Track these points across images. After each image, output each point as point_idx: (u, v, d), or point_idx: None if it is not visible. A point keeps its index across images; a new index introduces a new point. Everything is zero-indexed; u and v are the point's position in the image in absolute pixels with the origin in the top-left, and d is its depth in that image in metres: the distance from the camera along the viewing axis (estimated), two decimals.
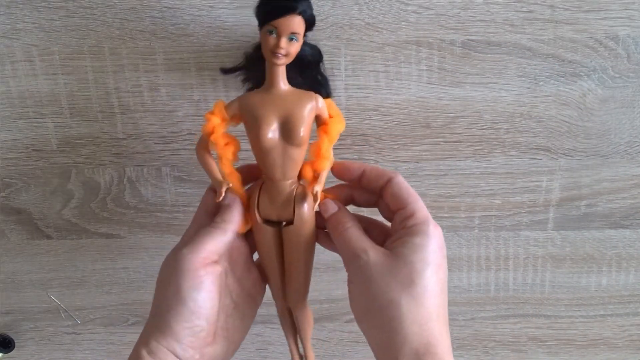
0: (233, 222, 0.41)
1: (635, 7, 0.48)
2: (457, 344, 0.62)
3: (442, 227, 0.56)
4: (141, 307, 0.61)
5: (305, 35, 0.40)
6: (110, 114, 0.52)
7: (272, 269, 0.45)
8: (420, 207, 0.40)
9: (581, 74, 0.51)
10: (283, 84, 0.40)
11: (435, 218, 0.56)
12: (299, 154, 0.40)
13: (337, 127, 0.42)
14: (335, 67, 0.50)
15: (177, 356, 0.38)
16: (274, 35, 0.37)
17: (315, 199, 0.40)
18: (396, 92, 0.51)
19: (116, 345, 0.63)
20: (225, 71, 0.45)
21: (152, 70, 0.51)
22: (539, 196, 0.55)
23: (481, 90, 0.51)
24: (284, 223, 0.43)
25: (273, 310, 0.62)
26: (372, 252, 0.38)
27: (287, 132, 0.39)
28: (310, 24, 0.39)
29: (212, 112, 0.41)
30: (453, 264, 0.58)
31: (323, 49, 0.49)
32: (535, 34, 0.49)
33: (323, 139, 0.41)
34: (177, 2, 0.48)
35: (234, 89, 0.51)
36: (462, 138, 0.53)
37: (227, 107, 0.41)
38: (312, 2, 0.39)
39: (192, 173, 0.55)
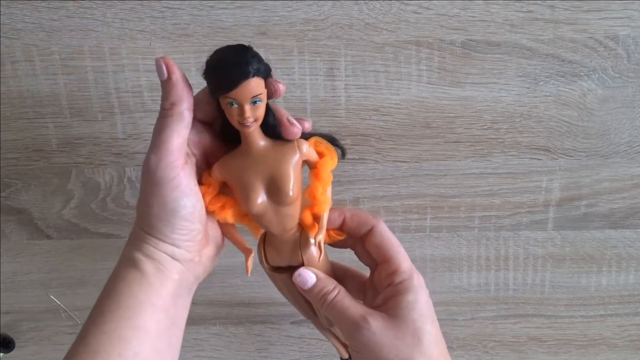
0: (184, 101, 0.36)
1: (635, 7, 0.48)
2: (457, 344, 0.62)
3: (442, 227, 0.57)
4: None
5: (267, 85, 0.36)
6: (110, 114, 0.53)
7: (299, 305, 0.44)
8: (404, 258, 0.41)
9: (581, 74, 0.51)
10: (261, 141, 0.37)
11: (435, 218, 0.57)
12: (294, 209, 0.38)
13: (328, 167, 0.39)
14: (335, 67, 0.50)
15: (175, 259, 0.37)
16: (235, 106, 0.34)
17: (319, 250, 0.40)
18: (396, 92, 0.51)
19: None
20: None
21: (152, 70, 0.51)
22: (539, 196, 0.55)
23: (481, 90, 0.51)
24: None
25: (273, 310, 0.63)
26: (373, 320, 0.38)
27: (276, 194, 0.37)
28: (267, 76, 0.35)
29: (201, 184, 0.38)
30: (453, 264, 0.58)
31: (323, 49, 0.49)
32: (535, 34, 0.49)
33: (316, 185, 0.38)
34: (177, 2, 0.48)
35: None
36: (462, 138, 0.53)
37: (210, 174, 0.38)
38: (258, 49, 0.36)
39: None
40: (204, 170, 0.39)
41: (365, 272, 0.44)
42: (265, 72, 0.34)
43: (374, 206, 0.56)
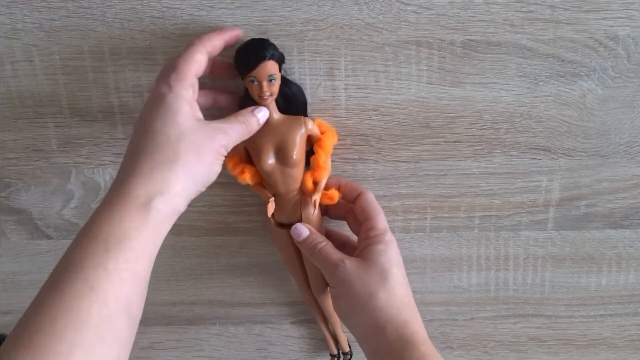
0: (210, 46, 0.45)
1: (635, 7, 0.48)
2: (457, 344, 0.62)
3: (442, 227, 0.57)
4: None
5: (281, 69, 0.46)
6: (110, 114, 0.53)
7: (293, 266, 0.53)
8: (381, 220, 0.49)
9: (581, 74, 0.51)
10: (275, 114, 0.47)
11: (435, 218, 0.57)
12: (296, 172, 0.48)
13: (330, 140, 0.49)
14: (335, 67, 0.50)
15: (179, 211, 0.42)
16: (256, 83, 0.45)
17: (314, 207, 0.50)
18: (396, 92, 0.51)
19: None
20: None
21: (152, 70, 0.51)
22: (539, 196, 0.55)
23: (481, 90, 0.51)
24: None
25: (273, 310, 0.63)
26: (348, 261, 0.46)
27: (283, 157, 0.47)
28: (281, 61, 0.46)
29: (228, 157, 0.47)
30: (453, 264, 0.58)
31: (323, 49, 0.49)
32: (535, 34, 0.49)
33: (320, 153, 0.48)
34: (177, 2, 0.48)
35: (233, 87, 0.51)
36: (462, 138, 0.53)
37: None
38: (277, 45, 0.46)
39: None
40: None
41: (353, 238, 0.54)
42: (279, 57, 0.46)
43: None
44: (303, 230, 0.49)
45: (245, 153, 0.49)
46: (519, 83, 0.51)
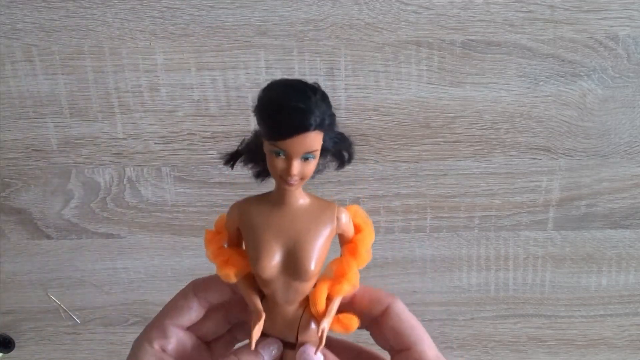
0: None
1: (635, 7, 0.48)
2: (457, 344, 0.62)
3: (442, 227, 0.57)
4: (141, 307, 0.61)
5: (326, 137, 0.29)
6: (110, 114, 0.52)
7: None
8: (429, 347, 0.33)
9: (581, 74, 0.51)
10: (296, 200, 0.31)
11: (435, 218, 0.56)
12: (306, 286, 0.32)
13: (367, 243, 0.32)
14: (335, 67, 0.50)
15: None
16: (282, 157, 0.28)
17: (320, 341, 0.31)
18: (396, 92, 0.51)
19: (116, 345, 0.63)
20: (226, 161, 0.33)
21: (152, 70, 0.51)
22: (539, 196, 0.55)
23: (481, 90, 0.51)
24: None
25: None
26: None
27: (292, 266, 0.30)
28: (330, 127, 0.29)
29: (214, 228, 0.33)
30: (453, 264, 0.58)
31: (323, 49, 0.49)
32: (535, 34, 0.49)
33: (350, 263, 0.32)
34: (177, 2, 0.48)
35: (234, 89, 0.51)
36: (462, 138, 0.53)
37: (227, 216, 0.32)
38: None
39: (192, 173, 0.55)
40: None
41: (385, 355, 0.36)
42: (328, 125, 0.28)
43: (374, 206, 0.56)
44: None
45: (238, 234, 0.32)
46: (519, 83, 0.51)
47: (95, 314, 0.61)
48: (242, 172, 0.33)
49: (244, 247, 0.32)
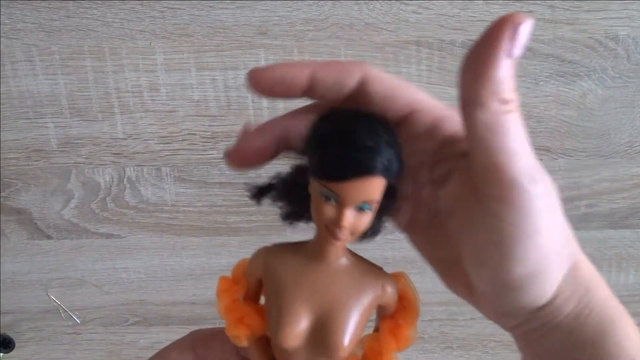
0: None
1: (635, 7, 0.48)
2: (457, 344, 0.62)
3: None
4: (141, 307, 0.61)
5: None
6: (110, 114, 0.52)
7: None
8: (434, 102, 0.26)
9: (581, 74, 0.51)
10: (337, 257, 0.25)
11: None
12: None
13: (413, 323, 0.26)
14: None
15: None
16: (333, 202, 0.22)
17: None
18: None
19: (116, 345, 0.63)
20: (253, 195, 0.27)
21: (152, 70, 0.51)
22: None
23: None
24: None
25: None
26: None
27: (321, 338, 0.24)
28: (396, 176, 0.23)
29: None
30: None
31: (323, 49, 0.49)
32: (535, 34, 0.49)
33: (389, 344, 0.26)
34: (177, 2, 0.48)
35: (234, 89, 0.51)
36: None
37: (250, 263, 0.26)
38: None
39: (192, 173, 0.55)
40: None
41: None
42: (395, 174, 0.22)
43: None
44: None
45: (258, 287, 0.27)
46: (519, 83, 0.51)
47: (95, 314, 0.61)
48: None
49: (262, 303, 0.27)
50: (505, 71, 0.20)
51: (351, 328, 0.24)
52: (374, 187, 0.22)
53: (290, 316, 0.24)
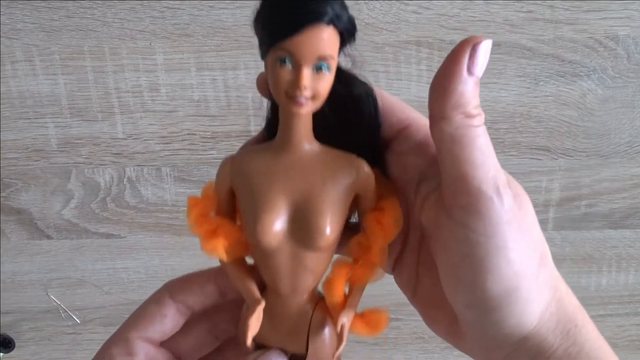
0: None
1: (635, 7, 0.48)
2: None
3: None
4: None
5: (342, 51, 0.23)
6: (110, 114, 0.52)
7: None
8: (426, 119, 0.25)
9: (581, 74, 0.51)
10: (306, 142, 0.23)
11: None
12: (320, 261, 0.24)
13: (396, 210, 0.24)
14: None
15: None
16: (289, 66, 0.22)
17: (340, 340, 0.23)
18: (396, 92, 0.51)
19: None
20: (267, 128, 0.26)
21: (152, 70, 0.51)
22: (539, 196, 0.55)
23: (481, 90, 0.51)
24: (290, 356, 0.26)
25: None
26: None
27: (303, 227, 0.23)
28: (348, 35, 0.22)
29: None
30: None
31: None
32: (535, 34, 0.49)
33: (375, 234, 0.24)
34: (177, 2, 0.48)
35: (234, 89, 0.51)
36: None
37: (217, 176, 0.25)
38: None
39: (192, 173, 0.55)
40: None
41: None
42: (346, 25, 0.22)
43: None
44: None
45: (230, 199, 0.25)
46: (519, 83, 0.51)
47: (95, 314, 0.61)
48: None
49: (238, 220, 0.25)
50: (467, 86, 0.22)
51: (330, 212, 0.23)
52: (327, 41, 0.21)
53: (267, 208, 0.23)
